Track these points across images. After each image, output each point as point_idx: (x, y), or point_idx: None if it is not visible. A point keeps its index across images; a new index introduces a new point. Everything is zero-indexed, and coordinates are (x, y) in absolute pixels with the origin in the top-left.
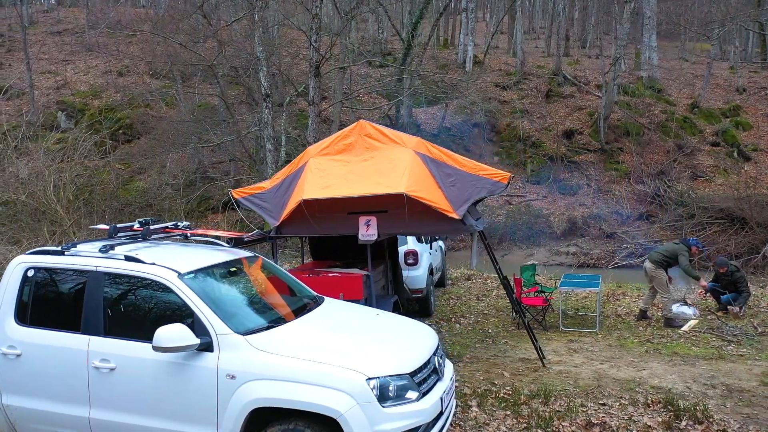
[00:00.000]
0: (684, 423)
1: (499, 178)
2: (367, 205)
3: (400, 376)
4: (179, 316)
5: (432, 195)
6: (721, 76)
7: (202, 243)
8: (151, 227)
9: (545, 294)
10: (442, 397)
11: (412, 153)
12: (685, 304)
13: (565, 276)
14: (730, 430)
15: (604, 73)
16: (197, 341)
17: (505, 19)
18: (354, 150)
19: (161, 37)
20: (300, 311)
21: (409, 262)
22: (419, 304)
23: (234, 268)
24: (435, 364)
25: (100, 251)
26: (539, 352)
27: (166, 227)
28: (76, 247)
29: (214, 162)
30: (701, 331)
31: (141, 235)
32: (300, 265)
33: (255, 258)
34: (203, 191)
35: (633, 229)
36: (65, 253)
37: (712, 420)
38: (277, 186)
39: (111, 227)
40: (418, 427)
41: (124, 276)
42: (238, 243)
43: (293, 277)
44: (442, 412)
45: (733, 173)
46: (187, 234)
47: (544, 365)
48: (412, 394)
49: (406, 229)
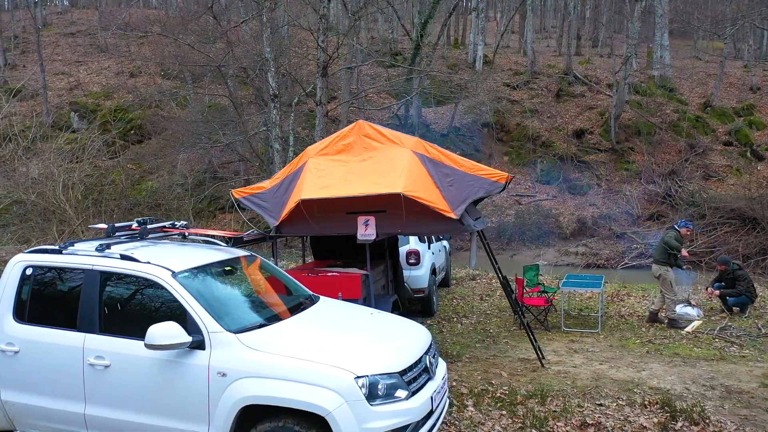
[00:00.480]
0: (680, 424)
1: (496, 178)
2: (366, 204)
3: (389, 375)
4: (173, 314)
5: (430, 195)
6: (734, 75)
7: (203, 242)
8: (149, 226)
9: (548, 294)
10: (432, 396)
11: (410, 153)
12: (689, 304)
13: (568, 276)
14: None
15: (615, 72)
16: (189, 339)
17: (517, 18)
18: (353, 150)
19: (170, 38)
20: (294, 310)
21: (411, 261)
22: (421, 303)
23: (229, 267)
24: (426, 364)
25: (97, 250)
26: (538, 352)
27: (163, 226)
28: (73, 246)
29: (224, 162)
30: (704, 332)
31: (138, 235)
32: (301, 264)
33: (253, 258)
34: (213, 191)
35: (643, 230)
36: (63, 251)
37: (708, 421)
38: (277, 186)
39: (109, 226)
40: (407, 426)
41: (119, 274)
42: (237, 242)
43: (290, 276)
44: (432, 411)
45: (745, 173)
46: (185, 233)
47: (543, 365)
48: (401, 393)
49: (405, 229)
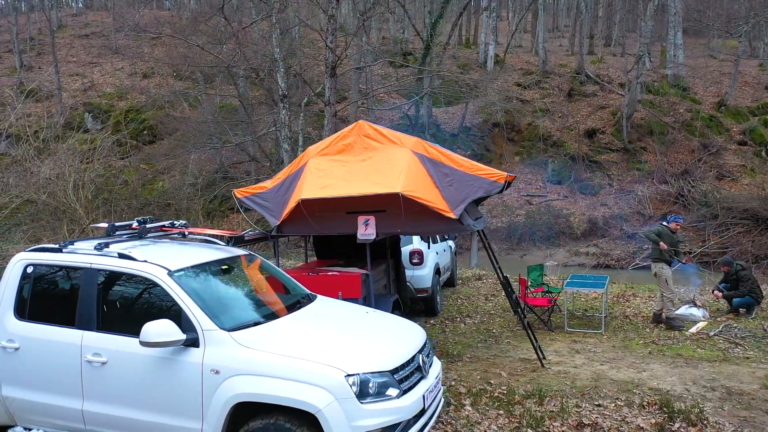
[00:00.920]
0: (677, 425)
1: (495, 177)
2: (366, 204)
3: (380, 373)
4: (168, 312)
5: (429, 195)
6: (749, 74)
7: (204, 242)
8: (148, 226)
9: (551, 294)
10: (424, 395)
11: (409, 153)
12: (695, 305)
13: (572, 276)
14: None
15: (627, 72)
16: (183, 337)
17: (529, 17)
18: (353, 150)
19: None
20: (290, 309)
21: (414, 261)
22: (425, 303)
23: (226, 266)
24: (419, 362)
25: (96, 249)
26: (538, 352)
27: (162, 226)
28: (73, 244)
29: (235, 162)
30: (708, 333)
31: (138, 233)
32: (303, 263)
33: (253, 257)
34: (223, 191)
35: None
36: (62, 250)
37: (706, 422)
38: (278, 185)
39: (109, 225)
40: (398, 424)
41: (116, 273)
42: (238, 242)
43: (288, 275)
44: (424, 410)
45: (760, 173)
46: (185, 233)
47: (543, 365)
48: (392, 391)
49: (404, 229)
